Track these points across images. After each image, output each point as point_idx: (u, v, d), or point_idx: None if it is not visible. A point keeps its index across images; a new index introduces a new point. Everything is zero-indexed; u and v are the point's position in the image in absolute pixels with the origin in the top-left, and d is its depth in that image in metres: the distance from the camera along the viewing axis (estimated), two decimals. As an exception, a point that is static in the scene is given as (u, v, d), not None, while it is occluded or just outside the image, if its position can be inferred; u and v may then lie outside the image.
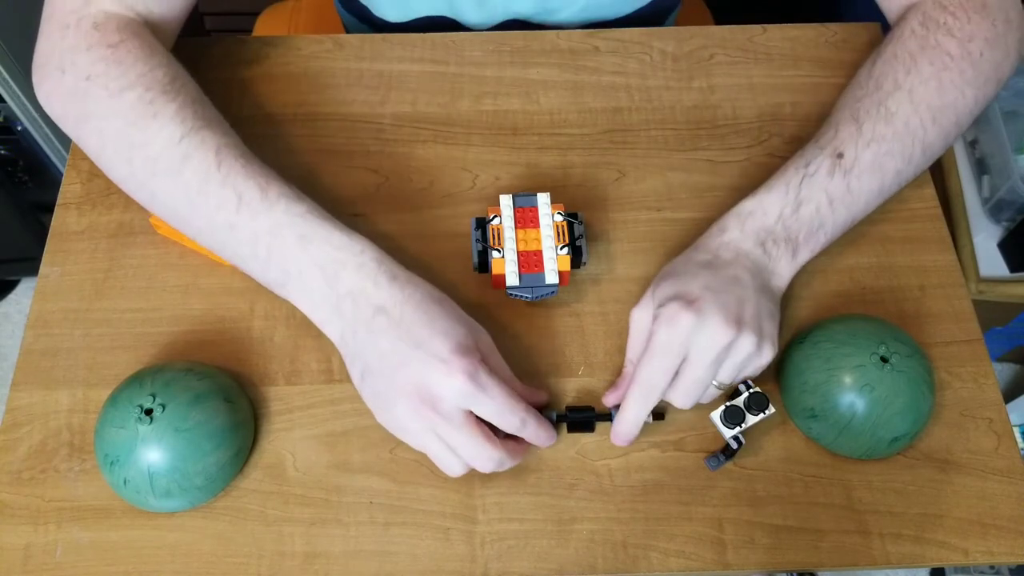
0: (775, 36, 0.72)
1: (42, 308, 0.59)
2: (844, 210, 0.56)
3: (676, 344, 0.50)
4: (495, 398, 0.48)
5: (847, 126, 0.57)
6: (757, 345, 0.51)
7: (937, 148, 0.59)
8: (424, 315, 0.50)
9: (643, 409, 0.52)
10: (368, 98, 0.68)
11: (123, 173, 0.56)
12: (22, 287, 1.50)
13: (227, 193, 0.52)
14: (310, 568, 0.51)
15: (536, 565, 0.52)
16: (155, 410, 0.49)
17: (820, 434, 0.54)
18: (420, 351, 0.48)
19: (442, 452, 0.50)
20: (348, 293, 0.51)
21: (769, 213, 0.55)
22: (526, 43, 0.71)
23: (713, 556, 0.52)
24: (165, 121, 0.53)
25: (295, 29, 1.02)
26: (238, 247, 0.53)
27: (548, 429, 0.52)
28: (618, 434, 0.53)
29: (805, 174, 0.56)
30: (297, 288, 0.52)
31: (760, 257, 0.55)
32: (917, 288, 0.61)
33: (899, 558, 0.52)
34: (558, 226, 0.57)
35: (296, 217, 0.52)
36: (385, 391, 0.50)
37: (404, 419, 0.49)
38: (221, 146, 0.54)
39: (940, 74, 0.57)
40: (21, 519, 0.52)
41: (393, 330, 0.49)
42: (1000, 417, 0.56)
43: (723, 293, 0.51)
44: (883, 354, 0.52)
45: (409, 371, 0.48)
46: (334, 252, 0.51)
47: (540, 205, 0.58)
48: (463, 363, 0.48)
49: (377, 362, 0.50)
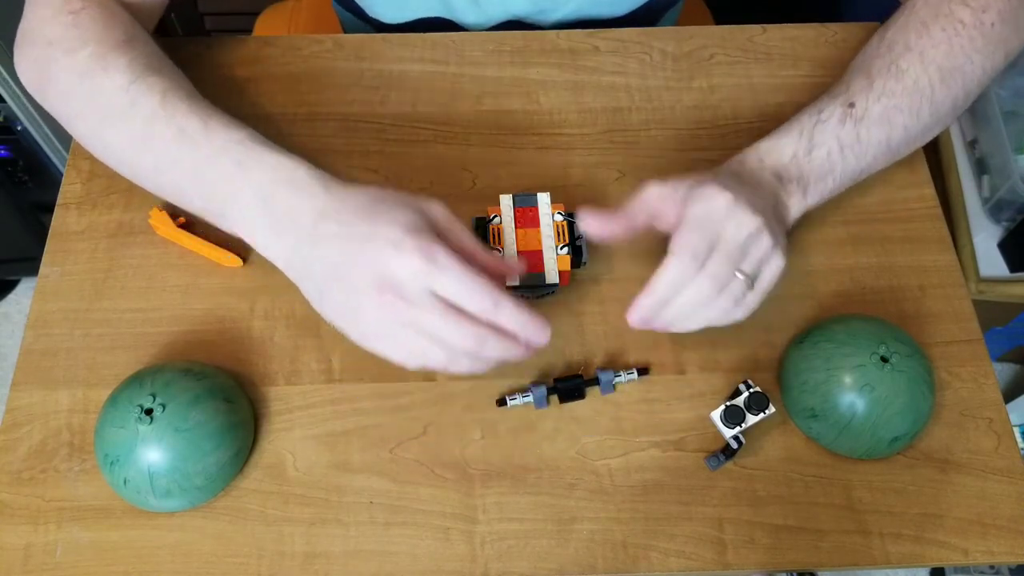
0: (775, 36, 0.72)
1: (42, 308, 0.59)
2: (853, 158, 0.58)
3: (711, 220, 0.51)
4: (456, 274, 0.46)
5: (859, 80, 0.59)
6: (773, 245, 0.52)
7: (944, 110, 0.60)
8: (365, 212, 0.48)
9: (683, 279, 0.50)
10: (368, 98, 0.68)
11: (81, 128, 0.57)
12: (22, 287, 1.50)
13: (171, 130, 0.53)
14: (310, 568, 0.51)
15: (536, 565, 0.52)
16: (155, 410, 0.49)
17: (820, 434, 0.54)
18: (370, 244, 0.46)
19: (420, 343, 0.47)
20: (286, 212, 0.50)
21: (784, 153, 0.57)
22: (526, 43, 0.71)
23: (713, 556, 0.52)
24: (114, 72, 0.55)
25: (295, 29, 1.02)
26: (182, 182, 0.54)
27: (531, 314, 0.47)
28: (641, 307, 0.51)
29: (818, 120, 0.58)
30: (237, 215, 0.52)
31: (777, 187, 0.57)
32: (917, 288, 0.61)
33: (899, 558, 0.52)
34: (558, 226, 0.57)
35: (234, 144, 0.52)
36: (346, 298, 0.48)
37: (373, 320, 0.47)
38: (167, 89, 0.55)
39: (951, 39, 0.59)
40: (21, 519, 0.52)
41: (337, 234, 0.48)
42: (1000, 417, 0.56)
43: (750, 194, 0.53)
44: (883, 354, 0.52)
45: (363, 268, 0.46)
46: (269, 172, 0.51)
47: (540, 205, 0.58)
48: (415, 241, 0.46)
49: (331, 273, 0.48)
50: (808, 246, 0.62)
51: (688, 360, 0.58)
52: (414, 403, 0.56)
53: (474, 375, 0.57)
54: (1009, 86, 1.07)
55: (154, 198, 0.63)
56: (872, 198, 0.64)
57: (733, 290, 0.51)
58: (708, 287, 0.50)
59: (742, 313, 0.52)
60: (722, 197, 0.51)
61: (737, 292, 0.51)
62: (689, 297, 0.50)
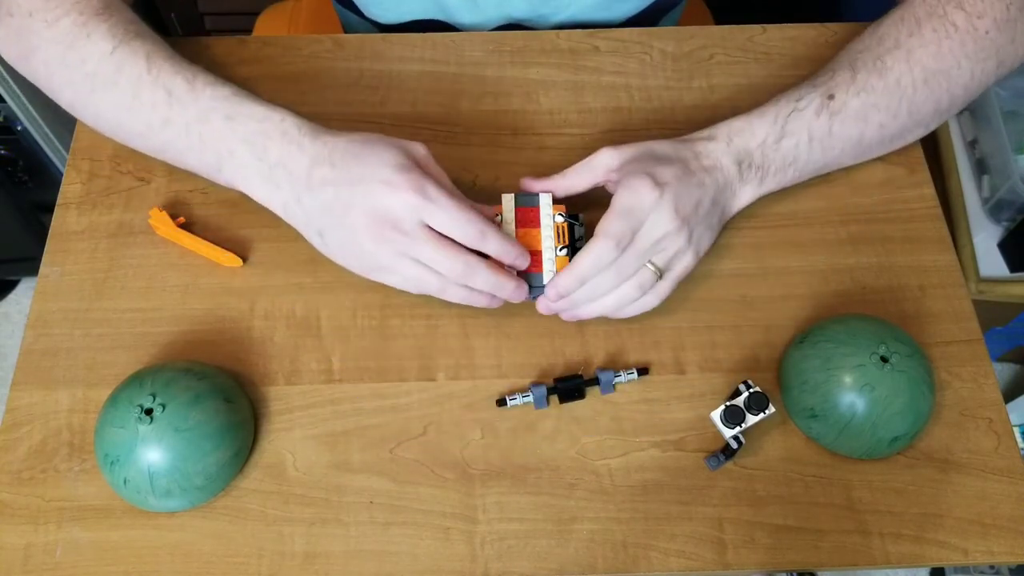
0: (775, 36, 0.72)
1: (42, 308, 0.59)
2: (820, 151, 0.59)
3: (636, 211, 0.53)
4: (446, 207, 0.50)
5: (843, 72, 0.59)
6: (686, 245, 0.54)
7: (925, 112, 0.60)
8: (354, 155, 0.52)
9: (598, 260, 0.53)
10: (368, 98, 0.68)
11: (70, 97, 0.58)
12: (22, 287, 1.50)
13: (159, 92, 0.55)
14: (310, 568, 0.51)
15: (536, 565, 0.52)
16: (155, 410, 0.49)
17: (820, 434, 0.54)
18: (362, 185, 0.50)
19: (416, 271, 0.51)
20: (278, 162, 0.53)
21: (755, 136, 0.58)
22: (526, 43, 0.71)
23: (713, 556, 0.52)
24: (97, 39, 0.56)
25: (295, 29, 1.02)
26: (176, 141, 0.56)
27: (514, 243, 0.53)
28: (559, 284, 0.54)
29: (795, 108, 0.58)
30: (232, 169, 0.55)
31: (733, 175, 0.58)
32: (917, 288, 0.61)
33: (899, 558, 0.52)
34: (559, 227, 0.57)
35: (221, 100, 0.54)
36: (348, 237, 0.52)
37: (374, 252, 0.51)
38: (151, 52, 0.56)
39: (941, 41, 0.59)
40: (21, 519, 0.52)
41: (331, 178, 0.51)
42: (1000, 417, 0.56)
43: (685, 190, 0.54)
44: (883, 354, 0.52)
45: (360, 206, 0.50)
46: (258, 125, 0.53)
47: (542, 206, 0.58)
48: (406, 178, 0.50)
49: (328, 216, 0.52)
50: (808, 246, 0.62)
51: (688, 360, 0.58)
52: (414, 403, 0.56)
53: (473, 377, 0.57)
54: (1009, 86, 1.07)
55: (154, 198, 0.63)
56: (872, 198, 0.64)
57: (640, 279, 0.54)
58: (616, 275, 0.53)
59: (654, 299, 0.55)
60: (649, 194, 0.53)
61: (644, 281, 0.54)
62: (603, 280, 0.53)
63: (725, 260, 0.61)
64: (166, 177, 0.64)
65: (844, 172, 0.65)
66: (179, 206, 0.62)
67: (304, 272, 0.60)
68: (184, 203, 0.63)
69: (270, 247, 0.61)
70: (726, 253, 0.62)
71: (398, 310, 0.59)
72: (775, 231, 0.63)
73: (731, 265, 0.61)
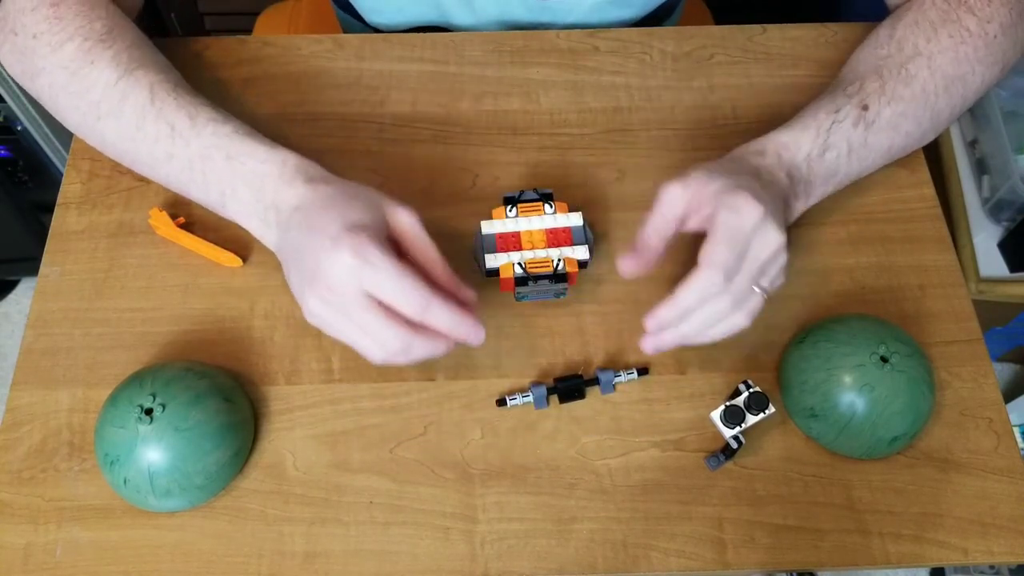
0: (775, 36, 0.72)
1: (42, 308, 0.59)
2: (857, 162, 0.58)
3: (742, 232, 0.49)
4: (386, 274, 0.46)
5: (872, 80, 0.59)
6: (786, 265, 0.52)
7: (943, 118, 0.60)
8: (328, 205, 0.50)
9: (709, 289, 0.49)
10: (368, 98, 0.68)
11: (75, 120, 0.59)
12: (22, 287, 1.50)
13: (161, 126, 0.55)
14: (310, 568, 0.51)
15: (536, 565, 0.52)
16: (155, 410, 0.49)
17: (820, 434, 0.54)
18: (314, 236, 0.48)
19: (357, 336, 0.48)
20: (272, 203, 0.53)
21: (801, 150, 0.57)
22: (526, 43, 0.71)
23: (713, 556, 0.52)
24: (102, 67, 0.56)
25: (295, 29, 1.02)
26: (180, 175, 0.56)
27: (463, 315, 0.48)
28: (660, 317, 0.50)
29: (835, 120, 0.57)
30: (234, 207, 0.54)
31: (787, 187, 0.56)
32: (917, 288, 0.61)
33: (899, 558, 0.52)
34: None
35: (223, 138, 0.54)
36: (298, 282, 0.50)
37: (315, 307, 0.48)
38: (154, 83, 0.56)
39: (957, 47, 0.59)
40: (21, 519, 0.52)
41: (299, 224, 0.50)
42: (1000, 417, 0.56)
43: (774, 203, 0.52)
44: (883, 354, 0.52)
45: (308, 257, 0.48)
46: (259, 166, 0.53)
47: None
48: (349, 239, 0.46)
49: (291, 259, 0.51)
50: (808, 246, 0.62)
51: (688, 360, 0.58)
52: (414, 403, 0.56)
53: (473, 377, 0.57)
54: (1009, 86, 1.07)
55: (153, 198, 0.63)
56: (872, 198, 0.64)
57: (751, 305, 0.50)
58: (728, 303, 0.49)
59: (749, 324, 0.51)
60: (755, 210, 0.49)
61: (755, 307, 0.50)
62: (708, 311, 0.50)
63: (725, 260, 0.61)
64: (166, 177, 0.64)
65: (844, 172, 0.65)
66: (179, 206, 0.62)
67: (304, 272, 0.60)
68: (184, 203, 0.63)
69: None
70: (726, 253, 0.62)
71: (398, 310, 0.59)
72: (775, 231, 0.63)
73: (731, 265, 0.61)
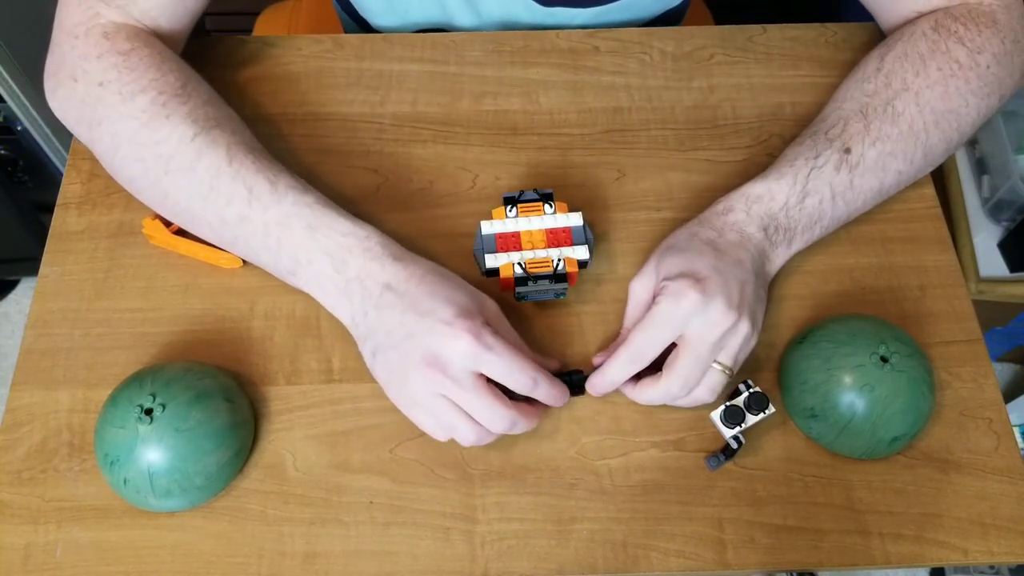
0: (775, 36, 0.72)
1: (42, 308, 0.59)
2: (843, 206, 0.57)
3: (677, 319, 0.51)
4: (502, 356, 0.49)
5: (855, 122, 0.58)
6: (750, 333, 0.53)
7: (938, 153, 0.59)
8: (428, 287, 0.51)
9: (626, 371, 0.53)
10: (368, 98, 0.68)
11: (135, 172, 0.56)
12: (22, 287, 1.50)
13: (238, 188, 0.54)
14: (310, 568, 0.51)
15: (536, 565, 0.52)
16: (155, 410, 0.49)
17: (820, 434, 0.54)
18: (426, 319, 0.50)
19: (455, 418, 0.50)
20: (356, 277, 0.52)
21: (776, 199, 0.56)
22: (526, 43, 0.71)
23: (713, 556, 0.52)
24: (178, 121, 0.55)
25: (295, 29, 1.02)
26: (250, 239, 0.55)
27: (560, 387, 0.53)
28: (594, 385, 0.55)
29: (814, 166, 0.56)
30: (307, 276, 0.54)
31: (762, 241, 0.56)
32: (917, 288, 0.61)
33: (899, 558, 0.52)
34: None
35: (304, 207, 0.54)
36: (397, 364, 0.51)
37: (415, 389, 0.50)
38: (232, 144, 0.55)
39: (947, 80, 0.58)
40: (21, 519, 0.52)
41: (399, 304, 0.51)
42: (1000, 417, 0.56)
43: (728, 276, 0.52)
44: (883, 354, 0.52)
45: (417, 340, 0.49)
46: (341, 239, 0.53)
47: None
48: (467, 324, 0.49)
49: (386, 337, 0.51)
50: (808, 246, 0.62)
51: (688, 360, 0.58)
52: (414, 403, 0.56)
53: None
54: (1009, 86, 1.07)
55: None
56: (872, 198, 0.64)
57: (710, 383, 0.52)
58: (679, 385, 0.52)
59: (708, 396, 0.53)
60: (692, 296, 0.51)
61: (715, 384, 0.52)
62: (661, 390, 0.52)
63: (725, 260, 0.61)
64: (166, 177, 0.64)
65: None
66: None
67: (304, 272, 0.60)
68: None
69: (270, 247, 0.61)
70: (726, 253, 0.62)
71: (398, 310, 0.59)
72: (775, 231, 0.63)
73: (731, 265, 0.61)
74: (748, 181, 0.57)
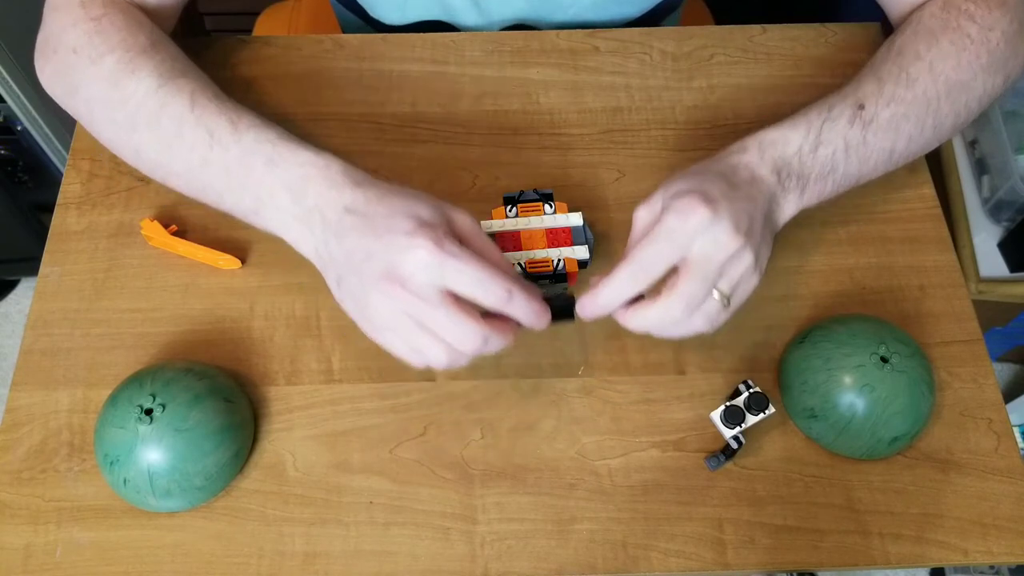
0: (775, 36, 0.72)
1: (42, 308, 0.59)
2: (856, 161, 0.57)
3: (683, 235, 0.48)
4: (468, 265, 0.45)
5: (869, 83, 0.58)
6: (753, 265, 0.50)
7: (946, 127, 0.59)
8: (386, 206, 0.49)
9: (623, 291, 0.49)
10: (368, 98, 0.68)
11: (110, 134, 0.57)
12: (22, 287, 1.50)
13: (200, 132, 0.54)
14: (310, 568, 0.51)
15: (536, 565, 0.52)
16: (155, 410, 0.49)
17: (820, 434, 0.54)
18: (384, 237, 0.47)
19: (423, 338, 0.47)
20: (315, 206, 0.51)
21: (790, 145, 0.55)
22: (526, 43, 0.71)
23: (713, 556, 0.52)
24: (143, 76, 0.55)
25: (295, 29, 1.02)
26: (213, 182, 0.54)
27: (539, 302, 0.48)
28: (586, 307, 0.50)
29: (827, 117, 0.56)
30: (269, 213, 0.53)
31: (774, 186, 0.54)
32: (917, 288, 0.61)
33: (899, 558, 0.52)
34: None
35: (265, 143, 0.53)
36: (358, 288, 0.48)
37: (378, 310, 0.47)
38: (195, 90, 0.55)
39: (959, 53, 0.58)
40: (21, 519, 0.52)
41: (358, 226, 0.49)
42: (1000, 417, 0.56)
43: (738, 205, 0.50)
44: (883, 354, 0.52)
45: (375, 259, 0.47)
46: (299, 169, 0.52)
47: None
48: (426, 235, 0.46)
49: (347, 263, 0.49)
50: (808, 246, 0.62)
51: (688, 360, 0.58)
52: (414, 403, 0.56)
53: (473, 377, 0.57)
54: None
55: (154, 198, 0.63)
56: (872, 198, 0.64)
57: (707, 310, 0.49)
58: (679, 308, 0.48)
59: (711, 329, 0.51)
60: (701, 212, 0.48)
61: (712, 313, 0.49)
62: (659, 312, 0.49)
63: (725, 260, 0.61)
64: (166, 177, 0.64)
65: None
66: (178, 207, 0.62)
67: (304, 272, 0.60)
68: (184, 203, 0.62)
69: (270, 247, 0.61)
70: (726, 253, 0.62)
71: (398, 310, 0.59)
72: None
73: (731, 265, 0.61)
74: (762, 128, 0.56)
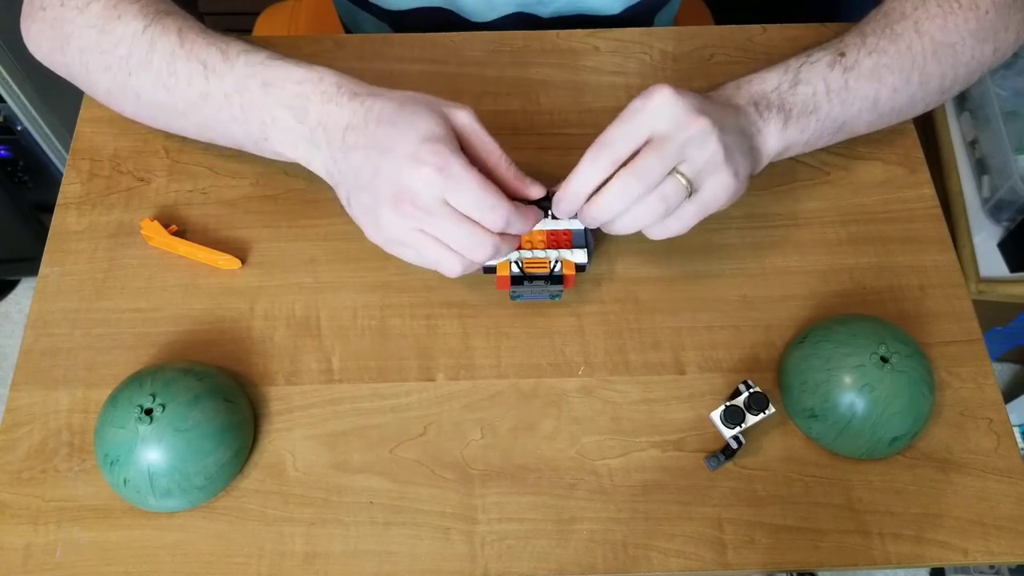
0: (775, 36, 0.72)
1: (42, 308, 0.59)
2: (839, 105, 0.57)
3: (646, 113, 0.49)
4: (470, 187, 0.47)
5: (852, 37, 0.59)
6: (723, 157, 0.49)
7: (933, 85, 0.60)
8: (388, 121, 0.50)
9: (590, 176, 0.50)
10: (368, 98, 0.68)
11: (107, 83, 0.57)
12: (22, 287, 1.50)
13: (193, 64, 0.54)
14: (310, 568, 0.51)
15: (536, 565, 0.52)
16: (155, 410, 0.49)
17: (820, 434, 0.54)
18: (389, 155, 0.48)
19: (436, 250, 0.50)
20: (318, 123, 0.52)
21: (767, 83, 0.57)
22: (526, 43, 0.71)
23: (713, 556, 0.52)
24: (129, 19, 0.55)
25: (295, 29, 1.02)
26: (218, 114, 0.55)
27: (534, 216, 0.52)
28: (560, 203, 0.52)
29: (806, 61, 0.57)
30: (277, 136, 0.53)
31: (752, 114, 0.55)
32: (917, 288, 0.61)
33: (899, 558, 0.52)
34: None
35: (257, 66, 0.53)
36: (370, 205, 0.50)
37: (391, 226, 0.49)
38: (183, 27, 0.55)
39: (946, 15, 0.59)
40: (21, 519, 0.52)
41: (362, 143, 0.50)
42: (1000, 417, 0.56)
43: (708, 103, 0.51)
44: (883, 354, 0.52)
45: (383, 177, 0.49)
46: (295, 87, 0.52)
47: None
48: (429, 153, 0.47)
49: (356, 180, 0.50)
50: (808, 246, 0.62)
51: (688, 360, 0.58)
52: (414, 403, 0.56)
53: (473, 377, 0.57)
54: (1009, 86, 1.07)
55: (154, 197, 0.63)
56: (872, 198, 0.64)
57: (666, 192, 0.49)
58: (635, 183, 0.49)
59: (678, 226, 0.51)
60: (665, 91, 0.49)
61: (670, 195, 0.49)
62: (614, 192, 0.50)
63: (725, 260, 0.61)
64: (166, 177, 0.64)
65: (844, 172, 0.65)
66: (178, 207, 0.62)
67: (304, 272, 0.60)
68: (184, 203, 0.63)
69: (270, 247, 0.61)
70: (726, 253, 0.62)
71: (398, 310, 0.59)
72: (775, 231, 0.63)
73: (731, 265, 0.61)
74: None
